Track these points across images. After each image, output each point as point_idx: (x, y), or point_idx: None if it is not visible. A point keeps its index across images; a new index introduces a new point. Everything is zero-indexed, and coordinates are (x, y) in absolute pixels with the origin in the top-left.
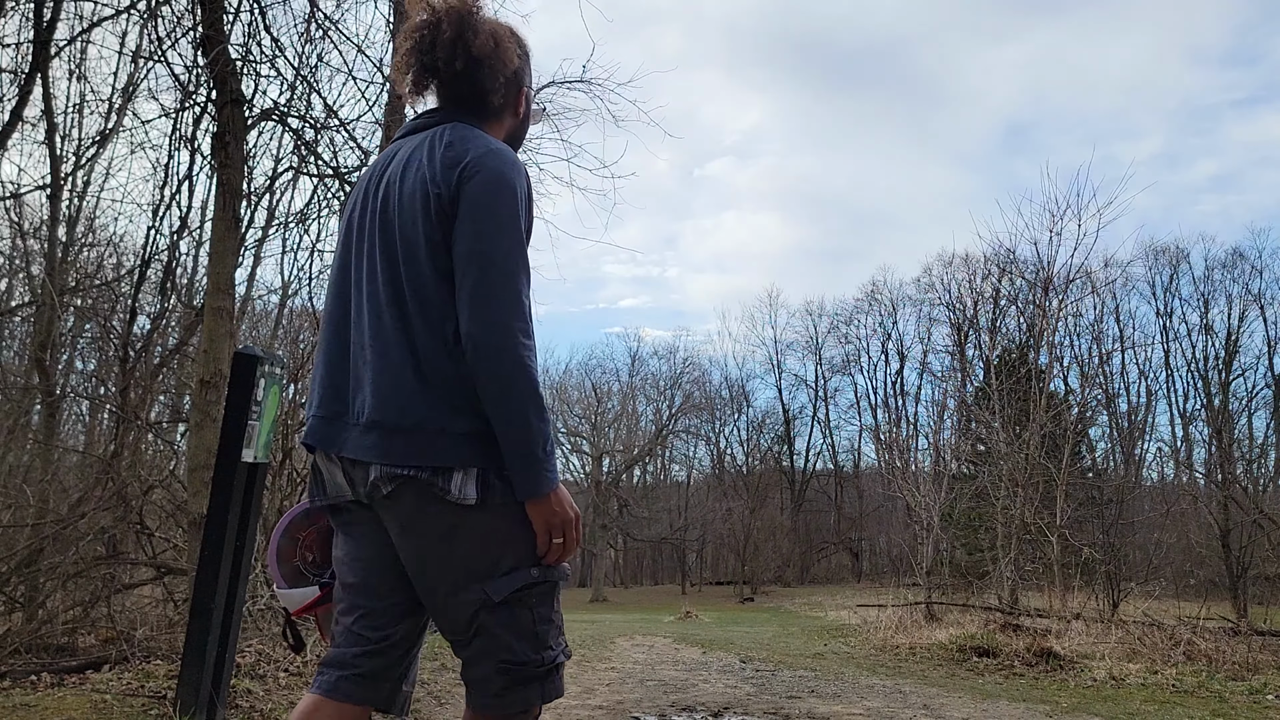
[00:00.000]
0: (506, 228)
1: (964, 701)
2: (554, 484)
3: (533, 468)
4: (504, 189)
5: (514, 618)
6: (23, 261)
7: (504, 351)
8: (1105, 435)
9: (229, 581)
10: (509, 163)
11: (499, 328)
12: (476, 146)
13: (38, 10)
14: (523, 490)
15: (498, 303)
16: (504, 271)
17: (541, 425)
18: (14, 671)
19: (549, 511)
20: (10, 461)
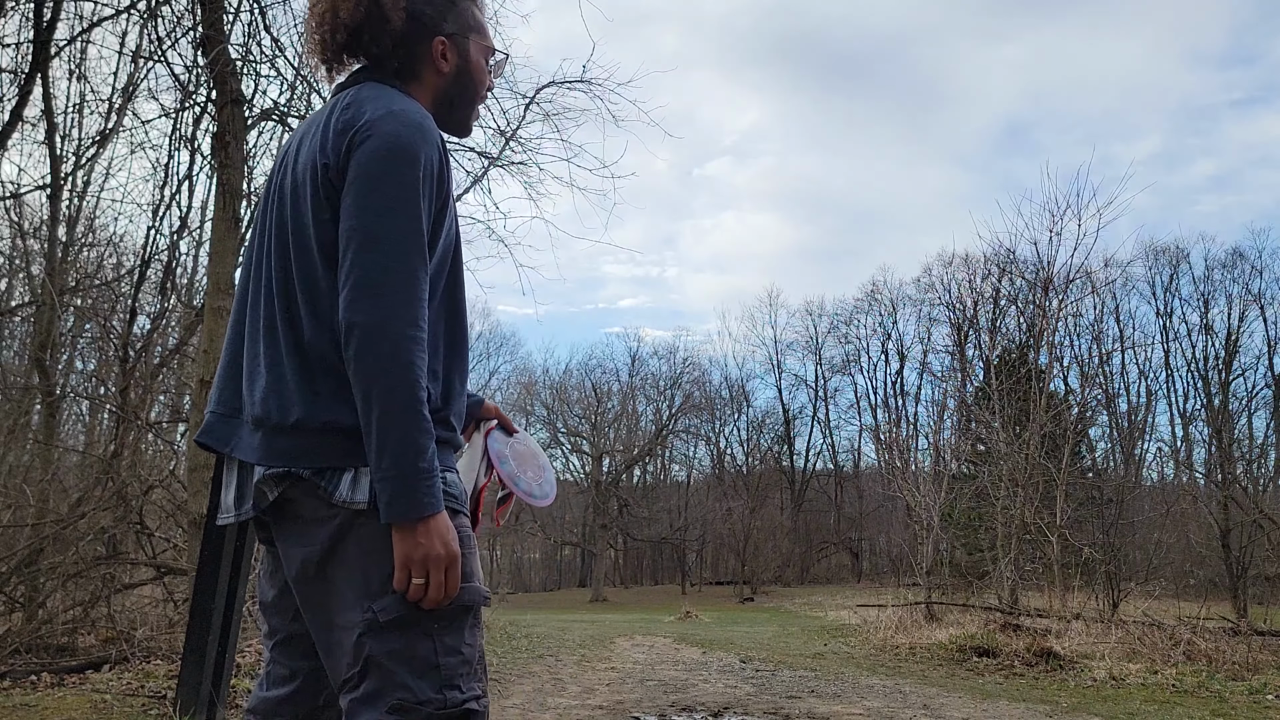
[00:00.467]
0: (399, 202)
1: (964, 701)
2: (429, 509)
3: (402, 483)
4: (398, 156)
5: (409, 646)
6: (23, 261)
7: (382, 344)
8: (1105, 435)
9: (229, 581)
10: (411, 125)
11: (379, 316)
12: (376, 107)
13: (38, 10)
14: (386, 510)
15: (380, 288)
16: (390, 252)
17: (419, 436)
18: (14, 671)
19: (412, 543)
20: (10, 461)
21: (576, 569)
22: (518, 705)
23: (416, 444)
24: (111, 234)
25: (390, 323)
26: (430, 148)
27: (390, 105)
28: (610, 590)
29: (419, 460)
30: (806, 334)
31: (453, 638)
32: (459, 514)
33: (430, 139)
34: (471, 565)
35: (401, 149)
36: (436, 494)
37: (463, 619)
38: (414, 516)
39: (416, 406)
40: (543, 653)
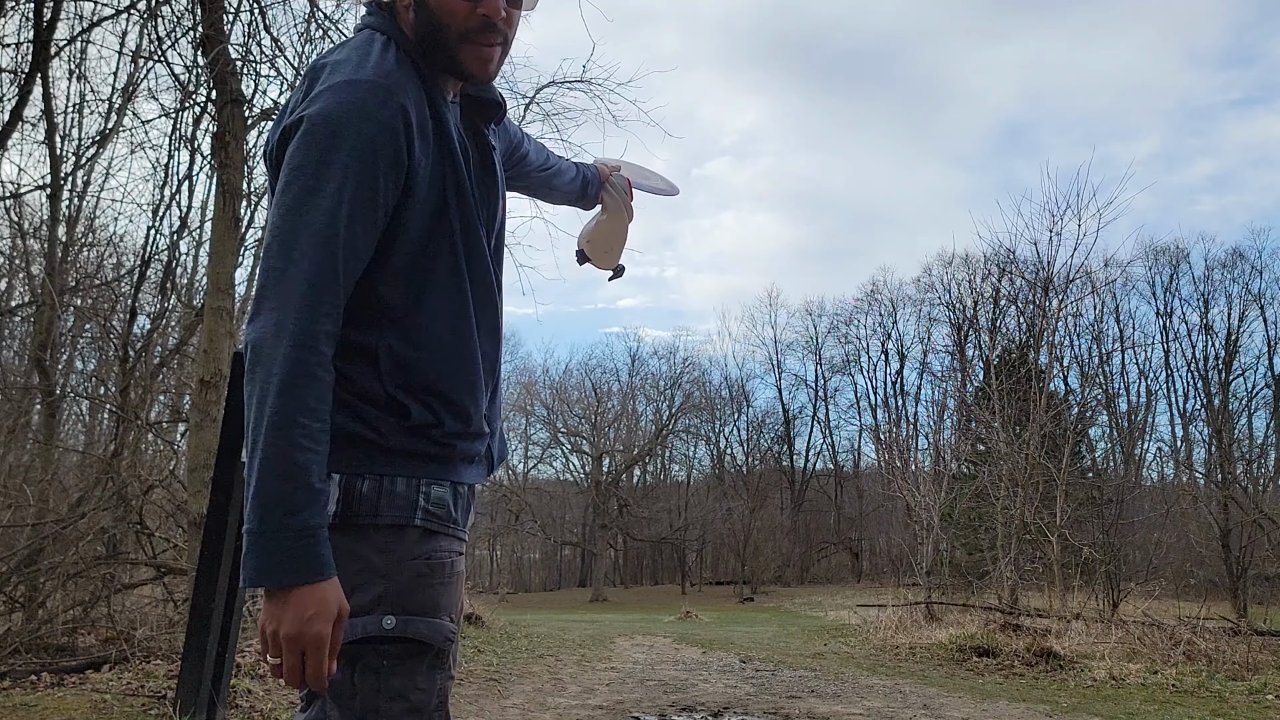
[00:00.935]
0: (310, 192)
1: (964, 701)
2: (287, 578)
3: (258, 543)
4: (320, 140)
5: (348, 681)
6: (23, 261)
7: (256, 367)
8: (1105, 435)
9: (229, 581)
10: (351, 98)
11: (257, 331)
12: (325, 81)
13: (38, 10)
14: (242, 569)
15: (271, 296)
16: (285, 256)
17: (285, 486)
18: (14, 671)
19: (268, 613)
20: (10, 461)
21: (576, 569)
22: (518, 705)
23: (279, 496)
24: (111, 234)
25: (266, 343)
26: (371, 107)
27: (339, 74)
28: (610, 590)
29: (283, 516)
30: (806, 334)
31: (401, 679)
32: (437, 535)
33: (373, 96)
34: (439, 598)
35: (327, 130)
36: (297, 559)
37: (417, 659)
38: (266, 584)
39: (286, 448)
40: (543, 653)
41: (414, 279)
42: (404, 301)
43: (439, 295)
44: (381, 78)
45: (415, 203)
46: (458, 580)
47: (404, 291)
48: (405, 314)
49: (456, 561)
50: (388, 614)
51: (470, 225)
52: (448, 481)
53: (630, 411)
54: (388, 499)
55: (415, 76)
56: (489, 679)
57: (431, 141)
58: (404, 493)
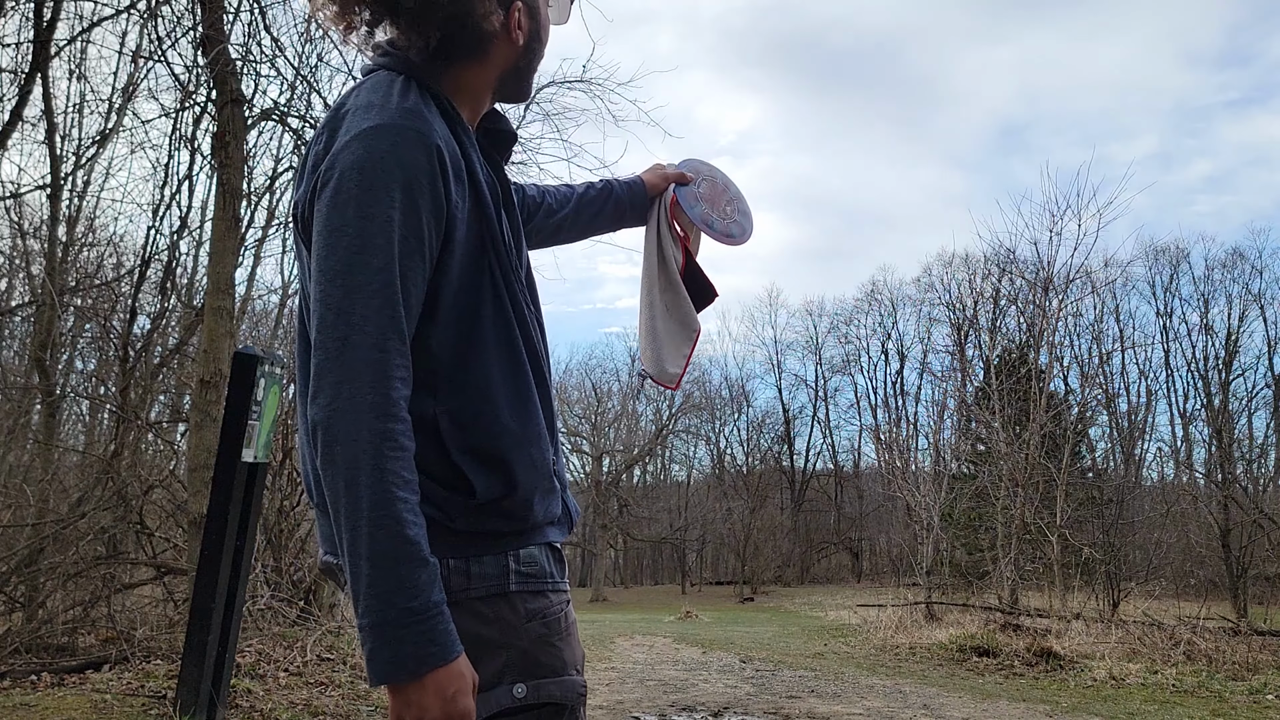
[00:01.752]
0: (357, 252)
1: (964, 701)
2: (420, 665)
3: (380, 636)
4: (354, 189)
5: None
6: (23, 261)
7: (337, 441)
8: (1105, 435)
9: (229, 581)
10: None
11: (327, 409)
12: (349, 127)
13: (38, 10)
14: (368, 668)
15: (337, 369)
16: (343, 321)
17: (398, 569)
18: (14, 671)
19: (403, 702)
20: (10, 461)
21: (576, 569)
22: None
23: (398, 581)
24: (111, 234)
25: (343, 420)
26: (404, 152)
27: (364, 121)
28: (610, 590)
29: (407, 601)
30: (806, 334)
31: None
32: (542, 595)
33: (404, 139)
34: (563, 654)
35: (364, 182)
36: (429, 641)
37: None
38: (403, 679)
39: (394, 527)
40: None
41: (462, 331)
42: (454, 357)
43: (490, 346)
44: (410, 119)
45: (456, 247)
46: (574, 630)
47: (454, 345)
48: (458, 370)
49: (569, 612)
50: (516, 683)
51: (507, 266)
52: (536, 544)
53: (630, 411)
54: (478, 572)
55: (438, 114)
56: None
57: (465, 182)
58: (491, 562)
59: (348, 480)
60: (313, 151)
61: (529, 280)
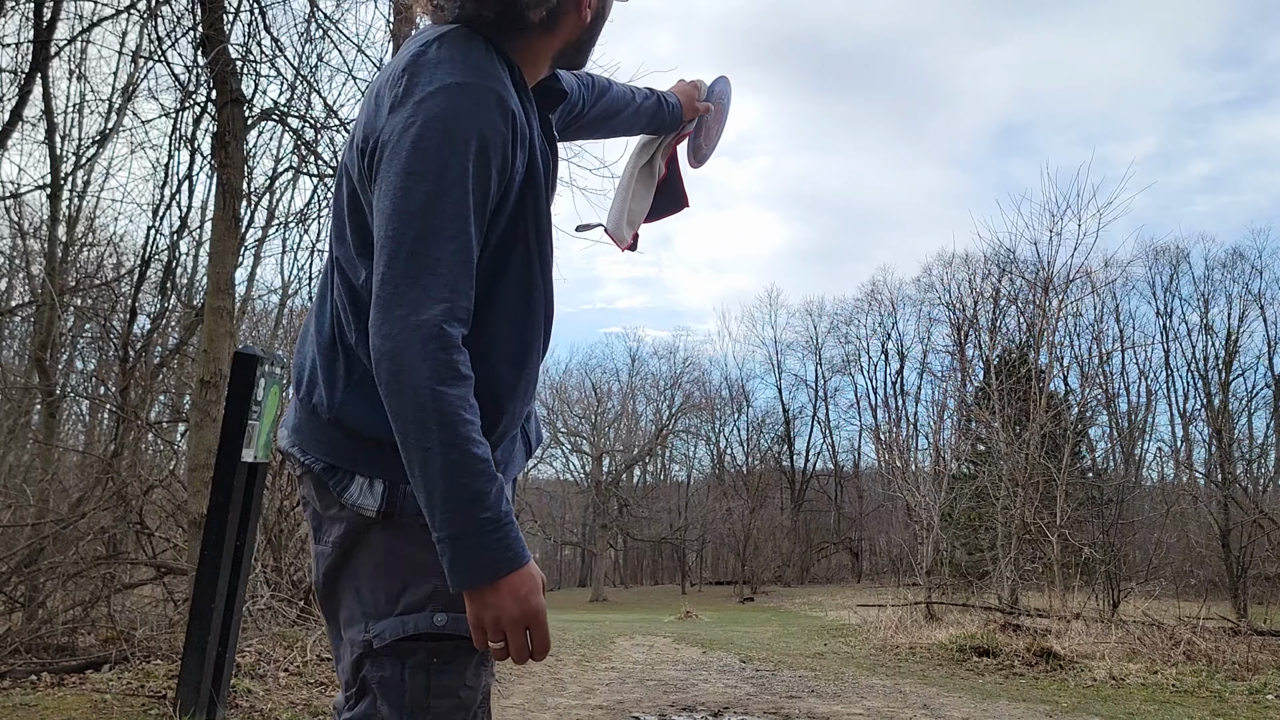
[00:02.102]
0: (435, 196)
1: (964, 701)
2: (499, 570)
3: (460, 547)
4: (436, 139)
5: (401, 679)
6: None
7: (401, 374)
8: (1105, 435)
9: (229, 581)
10: (463, 103)
11: (394, 339)
12: (432, 79)
13: (38, 10)
14: (450, 576)
15: (409, 301)
16: (419, 257)
17: (471, 482)
18: (14, 671)
19: (481, 604)
20: (10, 461)
21: (576, 569)
22: (518, 705)
23: (472, 494)
24: (111, 234)
25: (413, 348)
26: (484, 111)
27: (447, 78)
28: (610, 590)
29: (481, 512)
30: (806, 334)
31: (451, 677)
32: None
33: (484, 101)
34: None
35: (446, 133)
36: (505, 548)
37: (466, 657)
38: (484, 583)
39: (465, 445)
40: None
41: (488, 282)
42: (480, 299)
43: (508, 301)
44: (491, 81)
45: (506, 207)
46: None
47: (480, 292)
48: (477, 314)
49: None
50: (439, 611)
51: (544, 232)
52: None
53: (630, 411)
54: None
55: (510, 79)
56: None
57: (525, 149)
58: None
59: (417, 405)
60: (390, 92)
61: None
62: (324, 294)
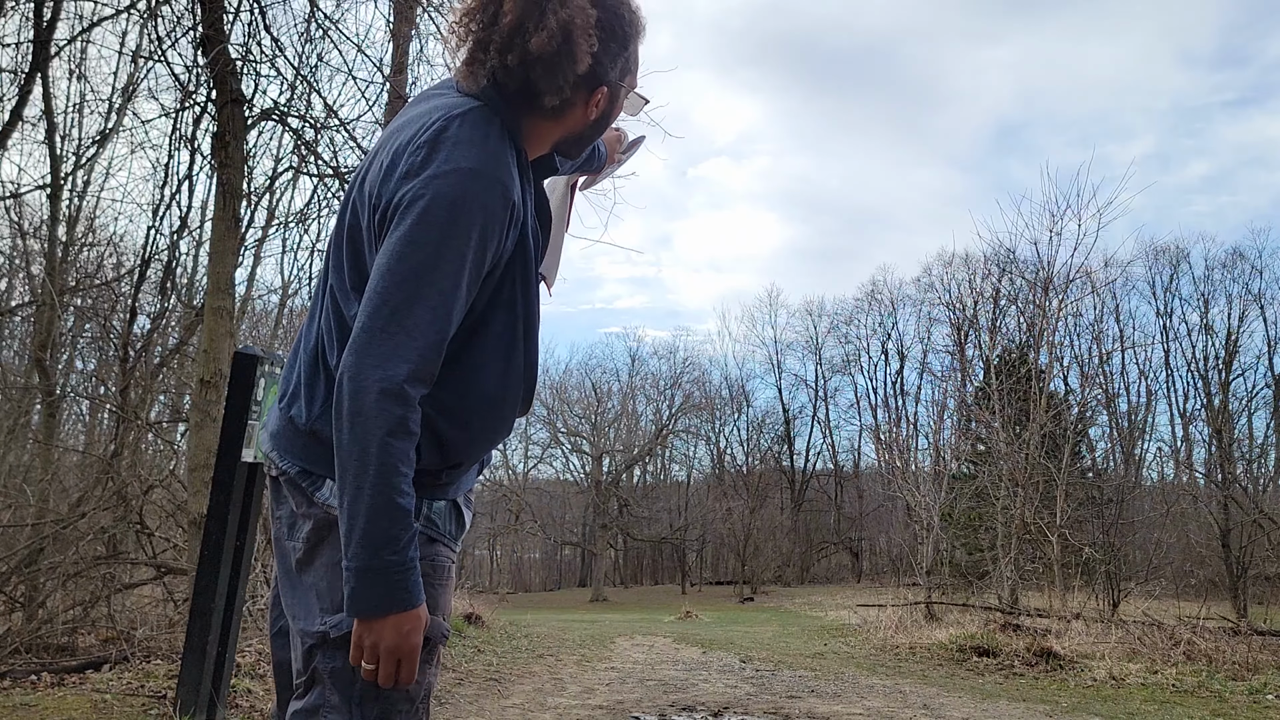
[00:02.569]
0: (429, 268)
1: (964, 701)
2: (390, 608)
3: (364, 579)
4: (442, 218)
5: (348, 667)
6: (23, 261)
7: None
8: (1105, 435)
9: (229, 581)
10: (474, 184)
11: (358, 382)
12: (449, 158)
13: (38, 10)
14: (348, 600)
15: (381, 348)
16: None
17: (394, 526)
18: (14, 671)
19: (366, 629)
20: (10, 461)
21: (576, 569)
22: (518, 705)
23: (387, 536)
24: (111, 234)
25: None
26: (489, 200)
27: (463, 161)
28: (610, 590)
29: (390, 554)
30: (806, 334)
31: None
32: (435, 542)
33: (491, 190)
34: (438, 599)
35: (451, 215)
36: (403, 589)
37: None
38: (376, 614)
39: (392, 495)
40: (543, 652)
41: (466, 337)
42: (457, 359)
43: (491, 352)
44: (500, 171)
45: (496, 273)
46: (451, 585)
47: (458, 351)
48: (454, 370)
49: (451, 568)
50: None
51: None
52: (446, 500)
53: (630, 411)
54: None
55: (515, 162)
56: (489, 679)
57: (517, 225)
58: None
59: (362, 446)
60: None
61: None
62: (314, 313)
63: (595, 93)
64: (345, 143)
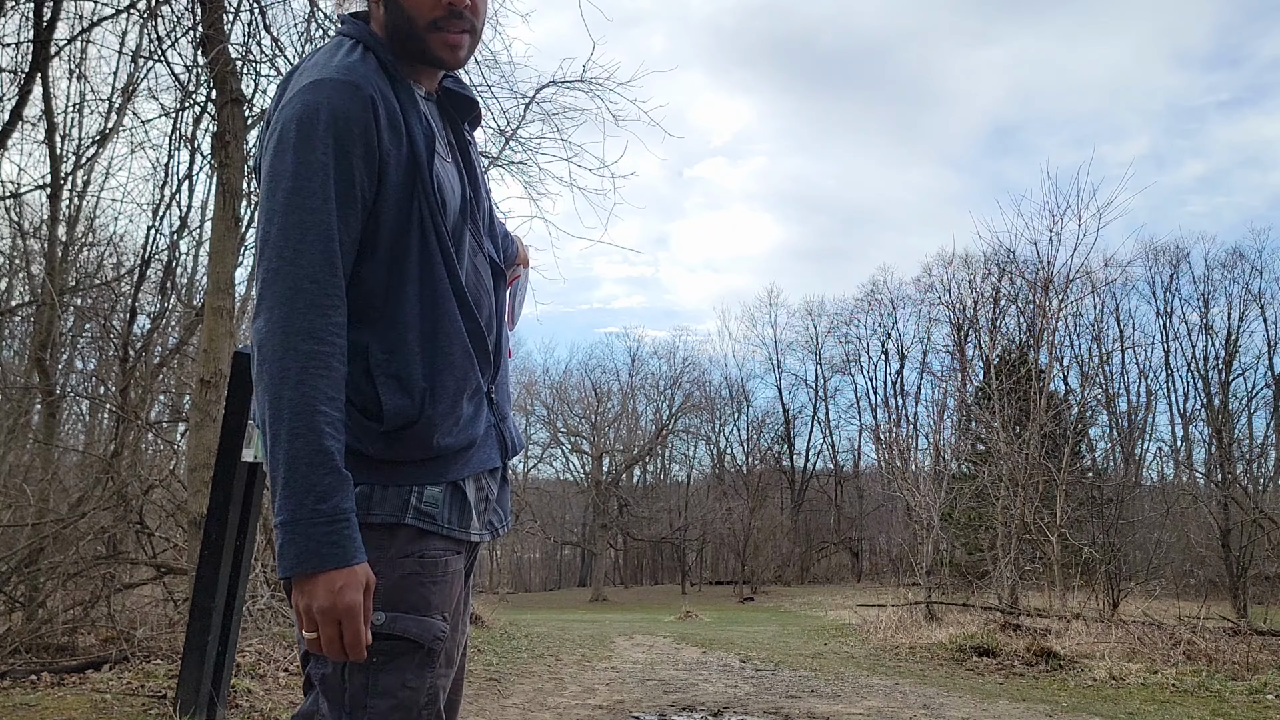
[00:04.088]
0: (295, 195)
1: (964, 701)
2: (322, 561)
3: (290, 532)
4: (297, 141)
5: (338, 676)
6: (23, 261)
7: (267, 359)
8: (1105, 435)
9: (229, 581)
10: (320, 95)
11: (260, 331)
12: (294, 86)
13: (38, 10)
14: (279, 560)
15: (272, 295)
16: (277, 257)
17: (311, 474)
18: (14, 671)
19: (298, 593)
20: (10, 461)
21: (576, 569)
22: (518, 705)
23: (309, 483)
24: (111, 234)
25: (273, 340)
26: (338, 102)
27: (308, 77)
28: (610, 590)
29: (315, 503)
30: (806, 334)
31: (390, 677)
32: (428, 535)
33: (340, 92)
34: (430, 596)
35: (301, 132)
36: (331, 543)
37: (406, 657)
38: (305, 570)
39: (311, 437)
40: (543, 652)
41: (392, 267)
42: (384, 290)
43: (412, 280)
44: (346, 74)
45: (388, 190)
46: (453, 579)
47: (385, 280)
48: (387, 303)
49: (451, 560)
50: (378, 610)
51: (433, 207)
52: (442, 484)
53: (630, 411)
54: (379, 499)
55: (381, 72)
56: (489, 679)
57: (402, 132)
58: (394, 493)
59: (273, 395)
60: (270, 109)
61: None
62: None
63: None
64: None
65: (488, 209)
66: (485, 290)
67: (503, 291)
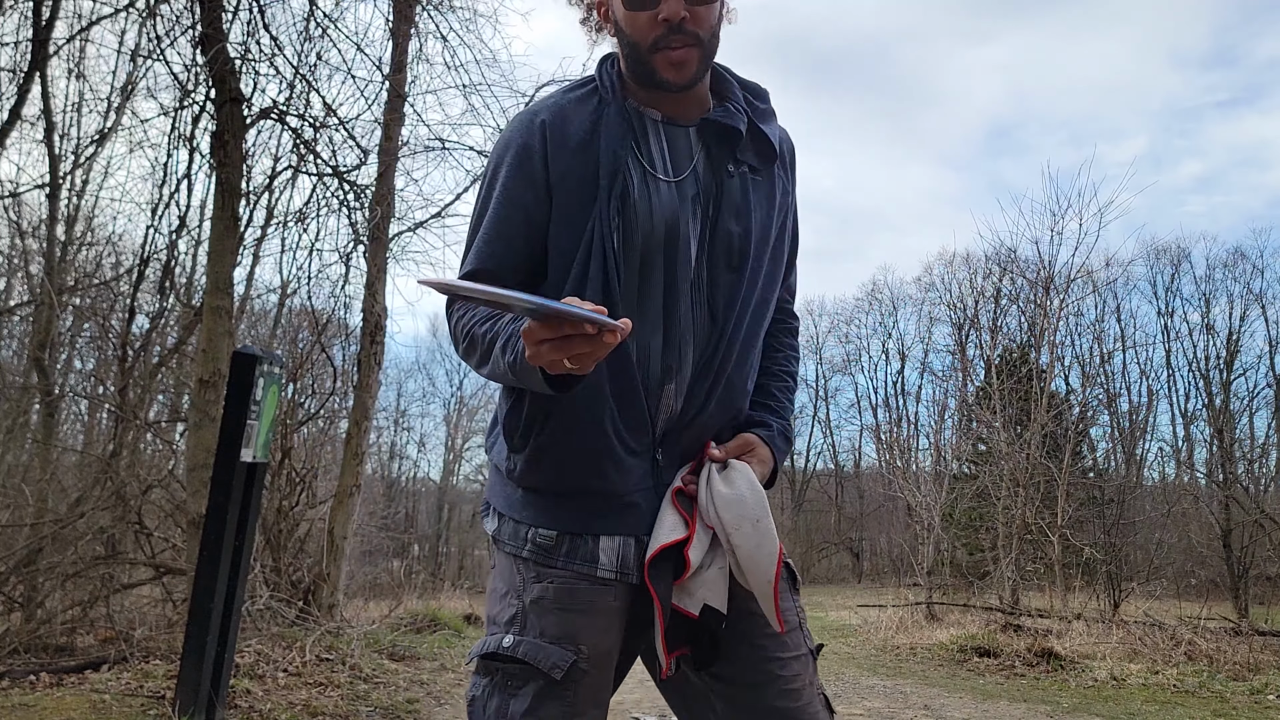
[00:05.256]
0: (477, 214)
1: (965, 702)
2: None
3: (503, 360)
4: (489, 169)
5: (487, 697)
6: (22, 261)
7: (459, 348)
8: (1106, 435)
9: (228, 581)
10: (505, 132)
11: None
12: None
13: (36, 9)
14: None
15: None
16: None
17: (484, 356)
18: (13, 671)
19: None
20: (9, 461)
21: None
22: None
23: (489, 351)
24: (110, 233)
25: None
26: (509, 136)
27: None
28: None
29: (497, 344)
30: (806, 333)
31: (520, 703)
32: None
33: (511, 129)
34: (560, 624)
35: (491, 164)
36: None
37: (532, 684)
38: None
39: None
40: None
41: (561, 283)
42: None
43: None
44: (534, 107)
45: (556, 209)
46: (591, 611)
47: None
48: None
49: (583, 589)
50: (510, 633)
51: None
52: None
53: None
54: (510, 529)
55: (589, 98)
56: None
57: (584, 152)
58: (521, 526)
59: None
60: None
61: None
62: None
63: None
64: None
65: (737, 242)
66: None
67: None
